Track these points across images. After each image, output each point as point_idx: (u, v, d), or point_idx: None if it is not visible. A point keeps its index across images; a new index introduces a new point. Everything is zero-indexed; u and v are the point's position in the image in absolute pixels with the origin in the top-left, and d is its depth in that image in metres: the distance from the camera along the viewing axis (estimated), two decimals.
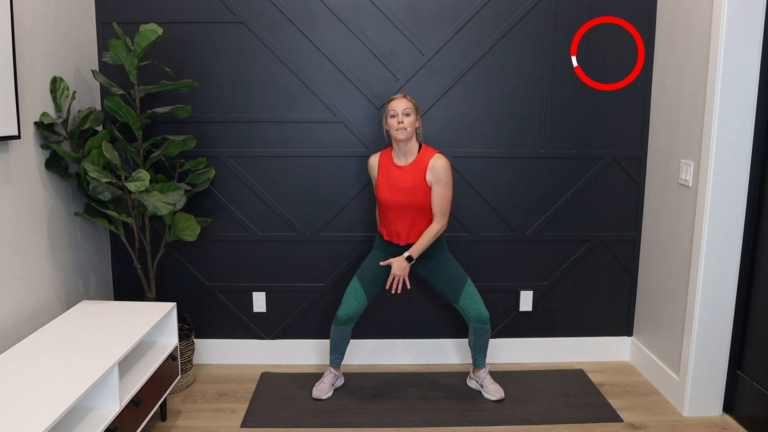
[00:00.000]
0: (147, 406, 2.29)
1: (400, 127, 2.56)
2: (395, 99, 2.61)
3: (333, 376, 2.90)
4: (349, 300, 2.76)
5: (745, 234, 2.58)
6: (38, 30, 2.45)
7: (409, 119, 2.57)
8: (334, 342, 2.83)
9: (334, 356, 2.86)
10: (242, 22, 2.92)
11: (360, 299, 2.75)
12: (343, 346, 2.84)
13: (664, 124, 2.91)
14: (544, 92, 3.02)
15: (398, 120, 2.56)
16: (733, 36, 2.41)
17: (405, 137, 2.57)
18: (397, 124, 2.56)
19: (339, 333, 2.80)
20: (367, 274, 2.77)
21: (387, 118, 2.62)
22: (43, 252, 2.48)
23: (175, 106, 2.72)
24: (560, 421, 2.65)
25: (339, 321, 2.77)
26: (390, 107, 2.61)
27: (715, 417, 2.70)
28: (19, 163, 2.32)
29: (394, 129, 2.58)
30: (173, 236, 2.80)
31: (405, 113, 2.57)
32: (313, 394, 2.83)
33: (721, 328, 2.63)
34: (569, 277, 3.21)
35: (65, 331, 2.30)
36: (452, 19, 2.95)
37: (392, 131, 2.59)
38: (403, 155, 2.65)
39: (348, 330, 2.80)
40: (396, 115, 2.57)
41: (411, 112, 2.58)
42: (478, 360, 2.86)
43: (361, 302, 2.76)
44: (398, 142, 2.60)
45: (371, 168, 2.76)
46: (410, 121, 2.57)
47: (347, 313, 2.75)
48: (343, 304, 2.77)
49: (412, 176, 2.61)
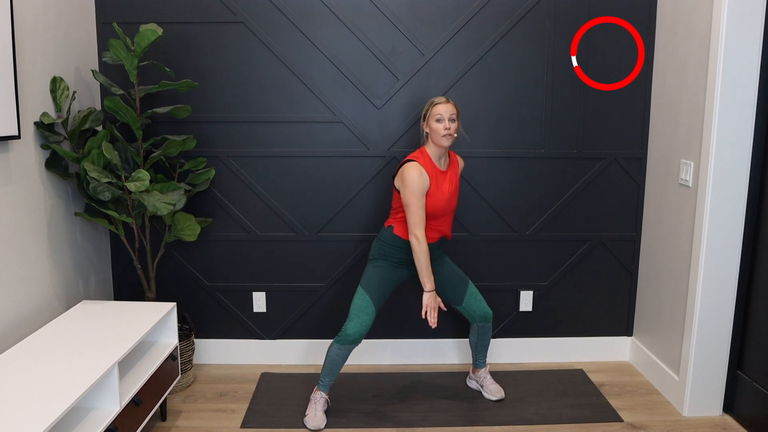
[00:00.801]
0: (147, 406, 2.29)
1: (447, 133, 2.47)
2: (441, 103, 2.49)
3: (324, 402, 2.65)
4: (361, 316, 2.54)
5: (745, 234, 2.58)
6: (38, 30, 2.45)
7: (454, 125, 2.49)
8: (335, 363, 2.58)
9: (328, 379, 2.62)
10: (242, 22, 2.92)
11: (371, 313, 2.56)
12: (341, 367, 2.62)
13: (664, 124, 2.91)
14: (544, 92, 3.02)
15: (445, 126, 2.46)
16: (733, 36, 2.41)
17: (450, 143, 2.51)
18: (444, 130, 2.46)
19: (343, 354, 2.56)
20: (373, 286, 2.59)
21: (430, 120, 2.50)
22: (43, 252, 2.48)
23: (175, 106, 2.72)
24: (560, 421, 2.65)
25: (348, 339, 2.53)
26: (435, 111, 2.49)
27: (715, 417, 2.70)
28: (19, 163, 2.32)
29: (441, 135, 2.47)
30: (173, 236, 2.80)
31: (451, 119, 2.48)
32: (310, 426, 2.58)
33: (721, 328, 2.63)
34: (569, 277, 3.21)
35: (65, 331, 2.30)
36: (452, 19, 2.95)
37: (437, 137, 2.48)
38: (443, 159, 2.58)
39: (351, 350, 2.58)
40: (443, 120, 2.47)
41: (455, 117, 2.51)
42: (479, 360, 2.86)
43: (372, 316, 2.57)
44: (442, 147, 2.52)
45: (424, 179, 2.46)
46: (455, 127, 2.50)
47: (359, 330, 2.53)
48: (353, 320, 2.54)
49: (455, 179, 2.62)
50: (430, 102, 2.53)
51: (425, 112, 2.55)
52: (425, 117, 2.55)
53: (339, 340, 2.55)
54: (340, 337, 2.55)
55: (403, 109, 3.01)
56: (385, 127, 3.02)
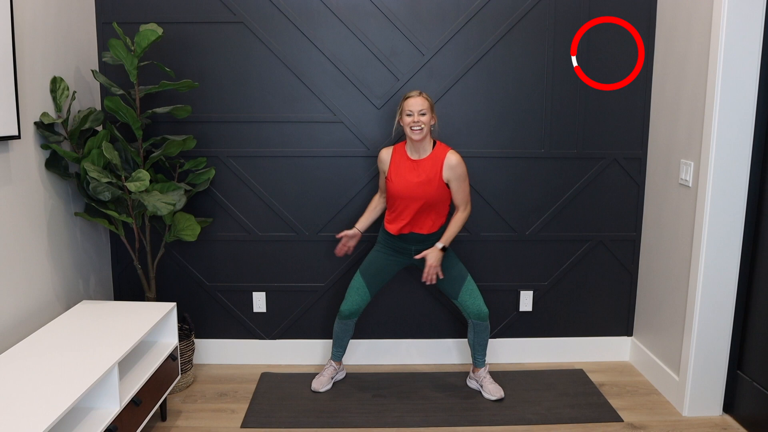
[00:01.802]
0: (147, 406, 2.29)
1: (415, 128, 2.56)
2: (411, 97, 2.59)
3: (333, 370, 2.94)
4: (352, 295, 2.80)
5: (745, 234, 2.58)
6: (38, 30, 2.45)
7: (424, 118, 2.56)
8: (337, 335, 2.87)
9: (336, 349, 2.91)
10: (242, 22, 2.92)
11: (363, 295, 2.80)
12: (346, 339, 2.88)
13: (664, 124, 2.91)
14: (544, 92, 3.02)
15: (414, 119, 2.55)
16: (733, 36, 2.41)
17: (420, 137, 2.58)
18: (413, 123, 2.56)
19: (342, 327, 2.85)
20: (369, 270, 2.80)
21: (402, 115, 2.61)
22: (43, 252, 2.48)
23: (175, 106, 2.72)
24: (560, 421, 2.65)
25: (342, 315, 2.82)
26: (406, 106, 2.58)
27: (715, 417, 2.70)
28: (19, 163, 2.32)
29: (410, 128, 2.57)
30: (173, 236, 2.80)
31: (421, 113, 2.56)
32: (312, 386, 2.88)
33: (721, 328, 2.63)
34: (569, 277, 3.21)
35: (65, 331, 2.30)
36: (452, 19, 2.95)
37: (407, 130, 2.59)
38: (416, 150, 2.65)
39: (351, 324, 2.85)
40: (412, 114, 2.56)
41: (427, 111, 2.57)
42: (478, 359, 2.87)
43: (364, 298, 2.80)
44: (413, 140, 2.61)
45: (382, 161, 2.74)
46: (426, 120, 2.57)
47: (350, 308, 2.80)
48: (346, 299, 2.81)
49: (428, 170, 2.62)
50: (404, 96, 2.64)
51: (399, 106, 2.66)
52: (399, 111, 2.65)
53: (338, 315, 2.86)
54: (338, 313, 2.85)
55: None
56: (385, 127, 3.02)
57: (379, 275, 2.80)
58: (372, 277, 2.80)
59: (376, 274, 2.80)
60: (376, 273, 2.80)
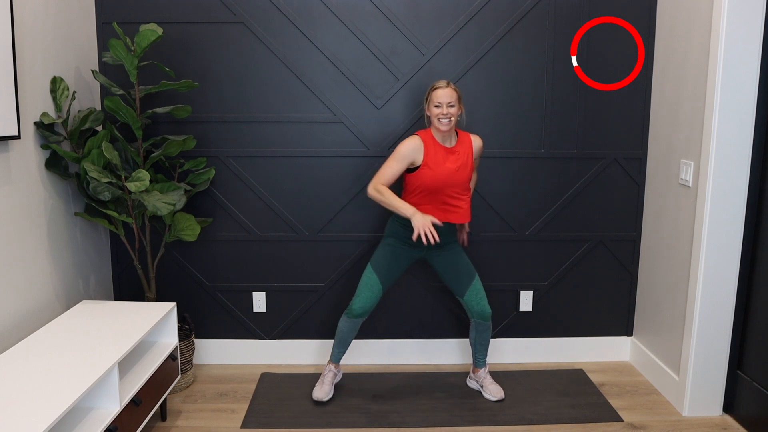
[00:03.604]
0: (147, 406, 2.29)
1: (444, 119, 2.58)
2: (440, 88, 2.59)
3: (333, 375, 2.86)
4: (365, 293, 2.71)
5: (745, 234, 2.58)
6: (38, 30, 2.45)
7: (453, 110, 2.58)
8: (343, 334, 2.78)
9: (338, 350, 2.83)
10: (242, 22, 2.92)
11: (376, 291, 2.72)
12: (350, 339, 2.81)
13: (664, 124, 2.91)
14: (544, 92, 3.02)
15: (443, 111, 2.57)
16: (733, 36, 2.41)
17: (449, 128, 2.59)
18: (441, 115, 2.57)
19: (350, 326, 2.76)
20: (382, 264, 2.72)
21: (430, 106, 2.61)
22: (43, 252, 2.48)
23: (175, 106, 2.72)
24: (560, 421, 2.65)
25: (353, 314, 2.72)
26: (435, 97, 2.59)
27: (715, 417, 2.70)
28: (19, 163, 2.32)
29: (437, 119, 2.58)
30: (173, 236, 2.80)
31: (450, 105, 2.57)
32: (314, 397, 2.79)
33: (721, 328, 2.63)
34: (569, 277, 3.21)
35: (65, 331, 2.30)
36: (452, 19, 2.95)
37: (435, 121, 2.59)
38: (447, 139, 2.67)
39: (359, 323, 2.77)
40: (440, 106, 2.57)
41: (455, 102, 2.59)
42: (479, 359, 2.86)
43: (377, 294, 2.73)
44: (441, 131, 2.61)
45: (416, 151, 2.60)
46: (454, 112, 2.59)
47: (363, 306, 2.71)
48: (359, 296, 2.72)
49: (462, 156, 2.65)
50: (431, 86, 2.64)
51: (426, 96, 2.66)
52: (426, 101, 2.65)
53: (346, 314, 2.76)
54: (348, 311, 2.75)
55: (403, 109, 3.01)
56: (385, 127, 3.02)
57: (392, 270, 2.74)
58: (386, 272, 2.73)
59: (390, 269, 2.73)
60: (390, 267, 2.73)
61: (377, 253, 2.76)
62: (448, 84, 2.60)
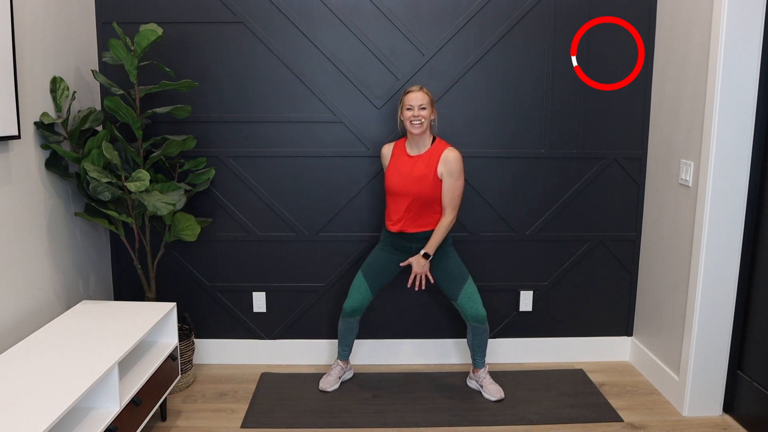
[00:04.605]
0: (147, 406, 2.29)
1: (415, 122, 2.59)
2: (412, 92, 2.62)
3: (340, 369, 2.94)
4: (354, 294, 2.82)
5: (745, 234, 2.58)
6: (38, 30, 2.45)
7: (424, 113, 2.59)
8: (341, 334, 2.89)
9: (341, 348, 2.91)
10: (242, 22, 2.92)
11: (364, 293, 2.81)
12: (350, 337, 2.88)
13: (664, 124, 2.91)
14: (544, 92, 3.02)
15: (414, 114, 2.58)
16: (733, 36, 2.41)
17: (420, 131, 2.61)
18: (413, 117, 2.59)
19: (345, 325, 2.86)
20: (371, 269, 2.81)
21: (402, 110, 2.64)
22: (43, 252, 2.48)
23: (175, 106, 2.72)
24: (560, 421, 2.65)
25: (345, 313, 2.84)
26: (406, 100, 2.61)
27: (715, 417, 2.70)
28: (19, 163, 2.32)
29: (409, 122, 2.60)
30: (173, 236, 2.80)
31: (421, 107, 2.59)
32: (319, 386, 2.89)
33: (721, 328, 2.63)
34: (569, 277, 3.21)
35: (65, 331, 2.30)
36: (452, 19, 2.95)
37: (407, 124, 2.61)
38: (416, 146, 2.68)
39: (354, 322, 2.85)
40: (412, 108, 2.59)
41: (427, 105, 2.60)
42: (477, 360, 2.87)
43: (366, 296, 2.81)
44: (413, 135, 2.63)
45: (384, 157, 2.81)
46: (426, 115, 2.60)
47: (352, 305, 2.81)
48: (348, 297, 2.83)
49: (424, 166, 2.63)
50: (404, 91, 2.67)
51: (400, 101, 2.69)
52: (400, 105, 2.67)
53: (341, 314, 2.88)
54: (341, 312, 2.87)
55: None
56: (385, 127, 3.02)
57: (380, 274, 2.81)
58: (374, 276, 2.81)
59: (378, 273, 2.81)
60: (378, 272, 2.81)
61: (369, 257, 2.86)
62: (420, 88, 2.63)
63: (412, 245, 2.75)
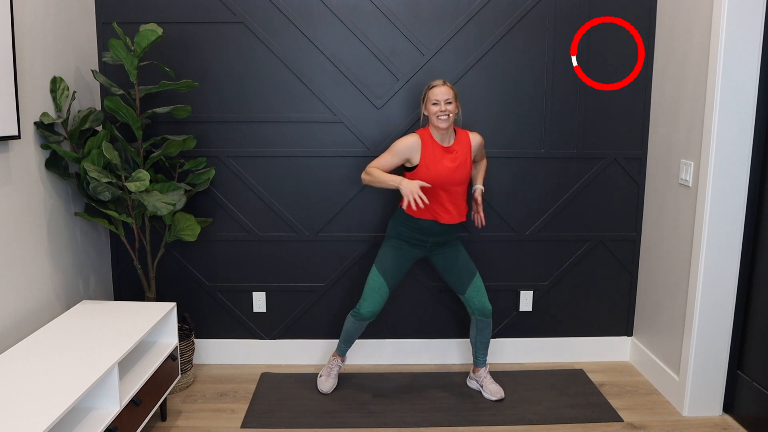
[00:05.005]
0: (147, 406, 2.29)
1: (442, 116, 2.59)
2: (437, 86, 2.61)
3: (338, 367, 2.93)
4: (373, 296, 2.72)
5: (745, 234, 2.58)
6: (38, 30, 2.45)
7: (451, 107, 2.60)
8: (349, 333, 2.83)
9: (344, 345, 2.89)
10: (242, 22, 2.92)
11: (384, 293, 2.73)
12: (356, 337, 2.86)
13: (664, 124, 2.91)
14: (544, 92, 3.02)
15: (441, 108, 2.58)
16: (733, 36, 2.41)
17: (447, 126, 2.61)
18: (440, 112, 2.59)
19: (357, 326, 2.80)
20: (386, 266, 2.73)
21: (427, 104, 2.63)
22: (43, 252, 2.48)
23: (175, 106, 2.72)
24: (560, 421, 2.65)
25: (362, 317, 2.74)
26: (431, 95, 2.61)
27: (715, 417, 2.70)
28: (19, 163, 2.32)
29: (436, 117, 2.60)
30: (173, 236, 2.80)
31: (447, 102, 2.59)
32: (320, 389, 2.87)
33: (721, 328, 2.63)
34: (569, 277, 3.21)
35: (65, 331, 2.30)
36: (452, 19, 2.95)
37: (434, 119, 2.61)
38: (447, 137, 2.68)
39: (365, 325, 2.81)
40: (438, 103, 2.59)
41: (452, 99, 2.61)
42: (479, 357, 2.87)
43: (385, 296, 2.74)
44: (440, 129, 2.63)
45: (412, 149, 2.61)
46: (452, 109, 2.60)
47: (372, 309, 2.72)
48: (366, 300, 2.73)
49: (461, 154, 2.66)
50: (428, 86, 2.66)
51: (423, 96, 2.67)
52: (423, 100, 2.66)
53: (354, 315, 2.78)
54: (355, 314, 2.77)
55: (403, 109, 3.01)
56: (385, 127, 3.02)
57: (396, 270, 2.75)
58: (391, 274, 2.73)
59: (394, 270, 2.74)
60: (394, 268, 2.74)
61: (381, 254, 2.76)
62: (444, 82, 2.62)
63: (429, 239, 2.73)
